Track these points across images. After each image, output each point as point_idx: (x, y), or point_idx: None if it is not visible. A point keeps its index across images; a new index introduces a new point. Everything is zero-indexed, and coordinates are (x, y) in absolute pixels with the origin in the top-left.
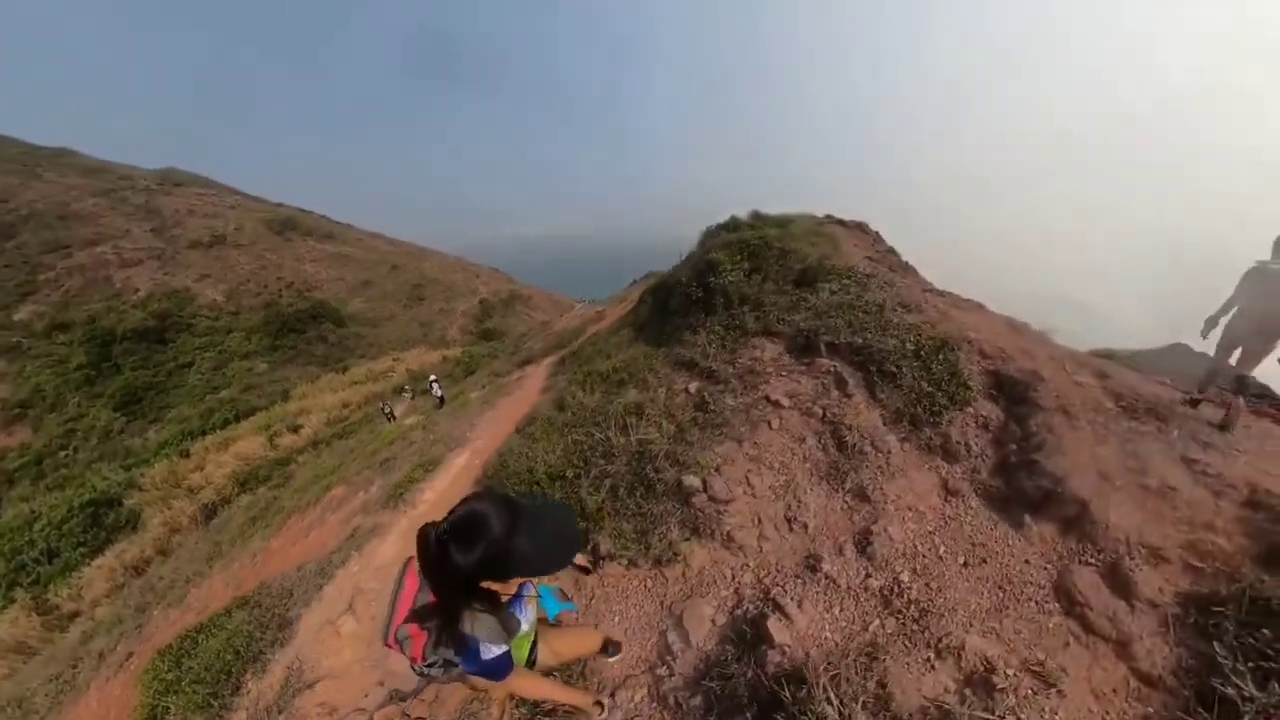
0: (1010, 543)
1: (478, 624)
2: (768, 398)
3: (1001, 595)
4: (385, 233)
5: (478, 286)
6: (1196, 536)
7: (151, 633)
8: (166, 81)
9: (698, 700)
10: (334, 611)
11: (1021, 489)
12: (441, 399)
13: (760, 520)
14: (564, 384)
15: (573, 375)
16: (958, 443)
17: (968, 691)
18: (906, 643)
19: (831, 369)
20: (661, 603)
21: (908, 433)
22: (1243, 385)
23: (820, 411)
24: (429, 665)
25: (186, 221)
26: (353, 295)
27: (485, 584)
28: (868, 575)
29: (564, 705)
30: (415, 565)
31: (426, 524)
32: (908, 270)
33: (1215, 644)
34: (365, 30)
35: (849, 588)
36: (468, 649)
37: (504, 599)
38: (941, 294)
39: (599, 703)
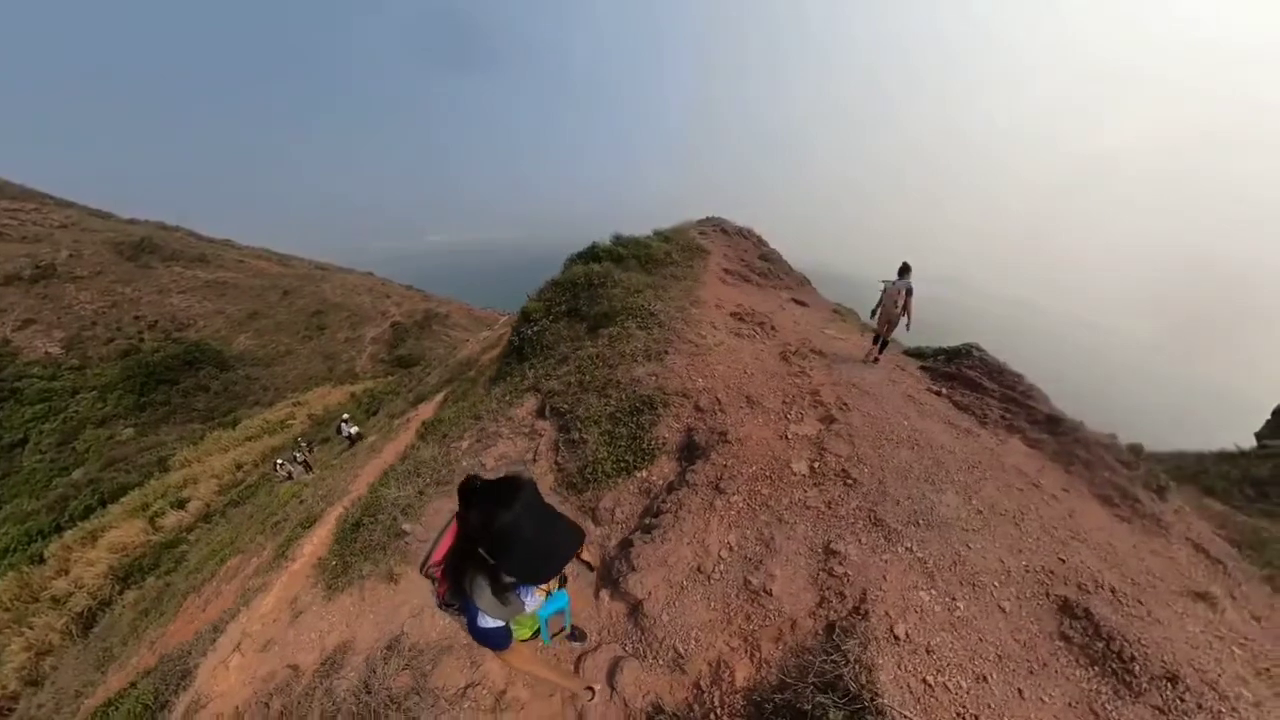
0: (577, 619)
1: (477, 591)
2: (482, 462)
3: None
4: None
5: (389, 308)
6: (727, 658)
7: None
8: None
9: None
10: (225, 654)
11: (611, 569)
12: (352, 438)
13: None
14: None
15: (420, 425)
16: (605, 510)
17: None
18: (443, 658)
19: (544, 432)
20: (392, 604)
21: (568, 496)
22: (884, 343)
23: None
24: (449, 605)
25: None
26: (237, 331)
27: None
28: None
29: (556, 685)
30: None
31: (472, 474)
32: (768, 275)
33: None
34: None
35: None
36: (468, 611)
37: (509, 580)
38: (750, 314)
39: (589, 688)
